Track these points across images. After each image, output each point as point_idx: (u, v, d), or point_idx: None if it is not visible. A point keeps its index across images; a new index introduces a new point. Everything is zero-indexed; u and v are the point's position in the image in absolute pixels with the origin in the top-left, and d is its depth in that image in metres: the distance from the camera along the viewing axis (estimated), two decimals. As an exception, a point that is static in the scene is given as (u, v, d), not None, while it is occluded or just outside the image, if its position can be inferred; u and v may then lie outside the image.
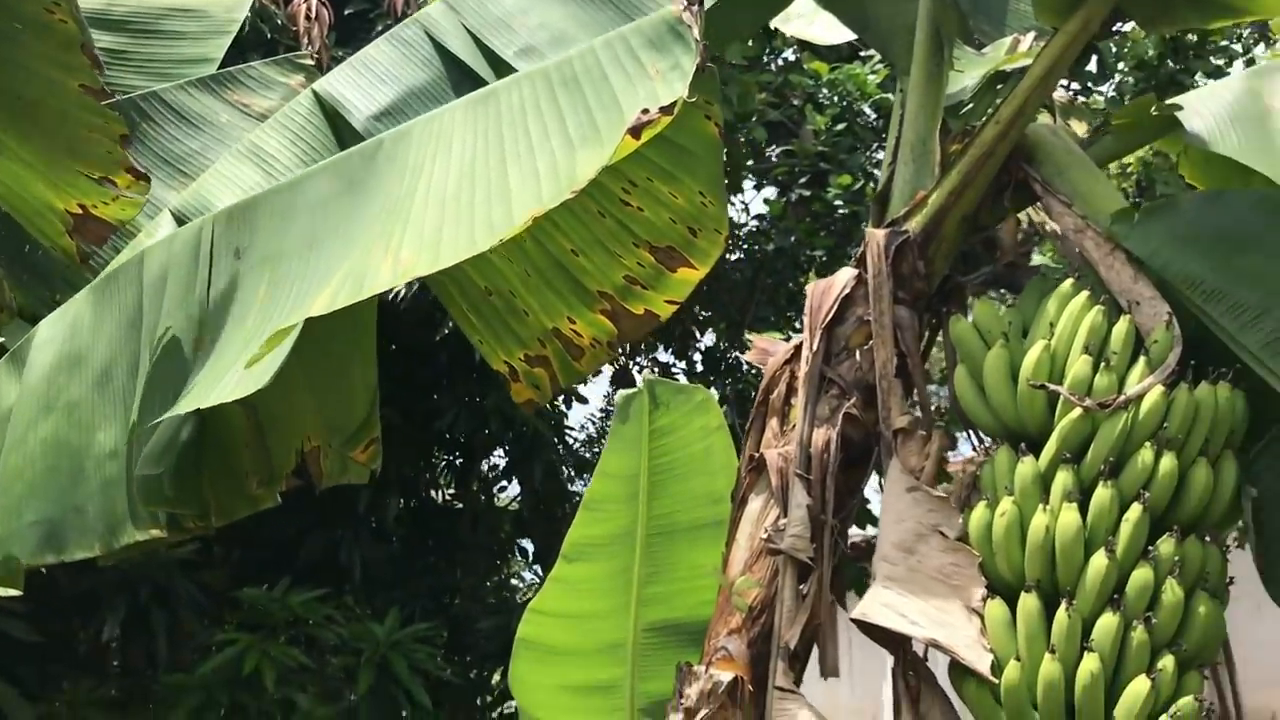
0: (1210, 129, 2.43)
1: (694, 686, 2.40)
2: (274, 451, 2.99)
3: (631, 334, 3.06)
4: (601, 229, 2.86)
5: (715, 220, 2.89)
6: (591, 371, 3.13)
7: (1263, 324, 2.15)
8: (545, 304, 3.00)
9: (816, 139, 9.27)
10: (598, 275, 2.96)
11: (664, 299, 3.03)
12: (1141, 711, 1.98)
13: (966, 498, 2.35)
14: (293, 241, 2.03)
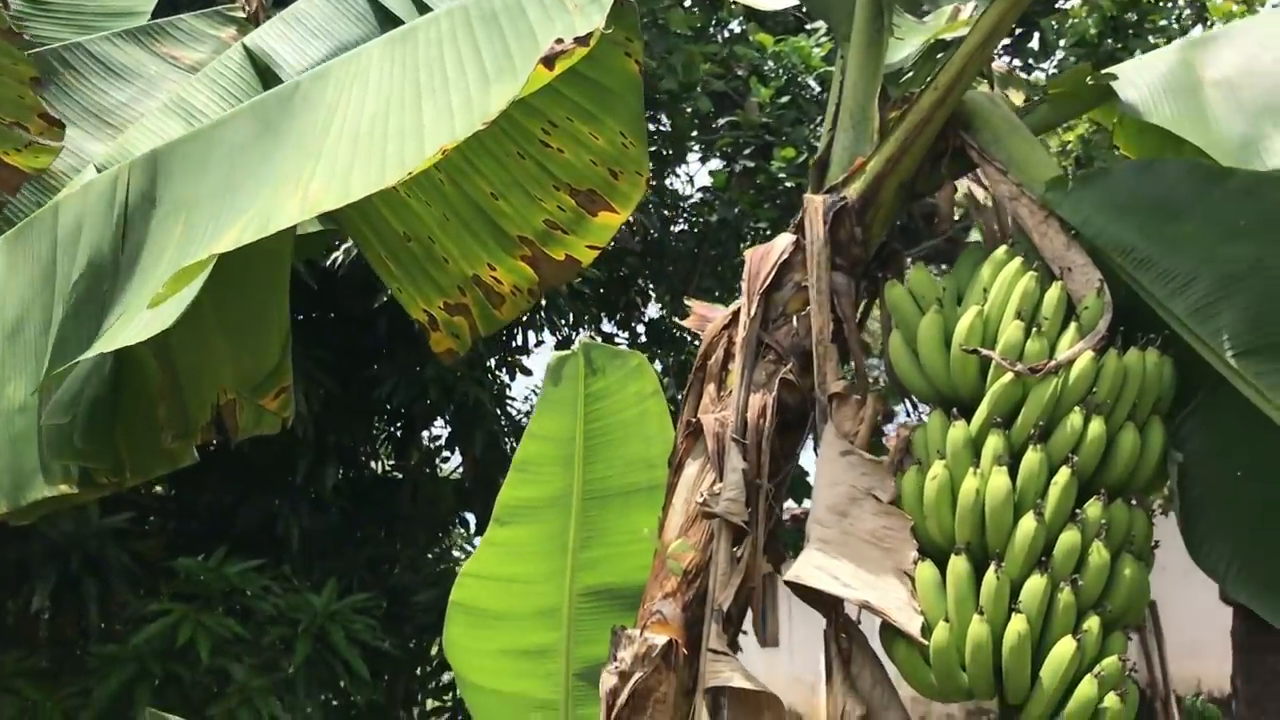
0: (1144, 99, 2.45)
1: (628, 650, 2.40)
2: (189, 403, 2.92)
3: (552, 280, 3.02)
4: (521, 171, 2.81)
5: (636, 162, 2.87)
6: (511, 320, 3.08)
7: (1190, 291, 2.18)
8: (465, 250, 2.95)
9: (761, 111, 9.28)
10: (518, 219, 2.92)
11: (585, 244, 2.99)
12: (1067, 671, 2.01)
13: (900, 462, 2.36)
14: (208, 187, 1.98)
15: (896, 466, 2.36)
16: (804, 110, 9.09)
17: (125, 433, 2.89)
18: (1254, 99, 2.33)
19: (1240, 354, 2.11)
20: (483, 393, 6.76)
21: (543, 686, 3.02)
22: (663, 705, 2.36)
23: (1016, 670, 2.03)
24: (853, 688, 2.21)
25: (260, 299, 2.92)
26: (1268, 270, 2.11)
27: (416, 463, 8.08)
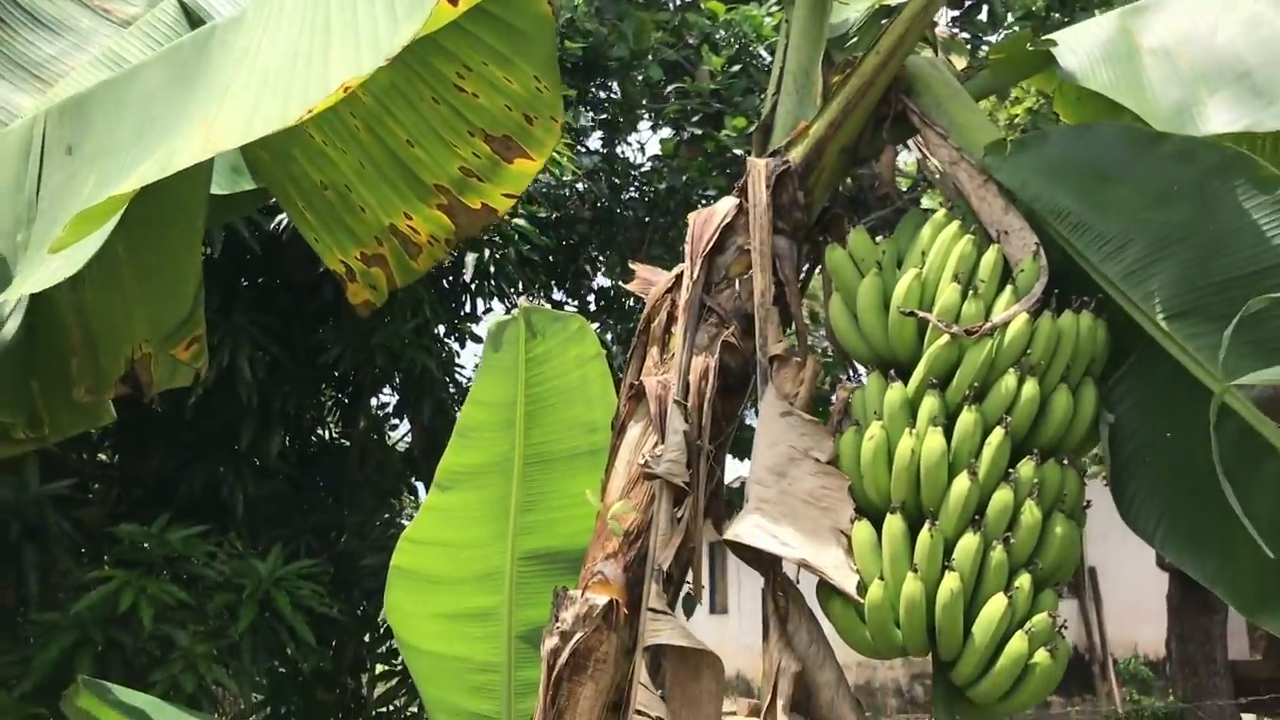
0: (1082, 65, 2.47)
1: (569, 610, 2.41)
2: (102, 357, 2.87)
3: (469, 229, 3.00)
4: (436, 117, 2.78)
5: (550, 106, 2.85)
6: (427, 270, 3.06)
7: (1124, 255, 2.21)
8: (381, 199, 2.92)
9: (712, 80, 9.26)
10: (433, 167, 2.89)
11: (501, 192, 2.97)
12: (998, 628, 2.05)
13: (839, 423, 2.39)
14: (124, 134, 1.94)
15: (836, 427, 2.38)
16: (755, 79, 9.08)
17: (42, 387, 2.84)
18: (1189, 66, 2.36)
19: (1170, 317, 2.15)
20: (430, 360, 6.70)
21: (485, 649, 3.03)
22: (604, 665, 2.37)
23: (949, 627, 2.06)
24: (789, 645, 2.23)
25: (174, 249, 2.86)
26: (1197, 234, 2.15)
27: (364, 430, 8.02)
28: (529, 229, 7.03)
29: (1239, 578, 2.13)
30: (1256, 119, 2.28)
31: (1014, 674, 2.05)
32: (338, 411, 8.15)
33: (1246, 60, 2.32)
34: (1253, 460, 2.08)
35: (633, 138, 10.18)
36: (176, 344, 2.92)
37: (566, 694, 2.35)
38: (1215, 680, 10.25)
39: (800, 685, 2.22)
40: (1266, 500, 2.07)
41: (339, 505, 7.40)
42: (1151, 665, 12.73)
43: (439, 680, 3.07)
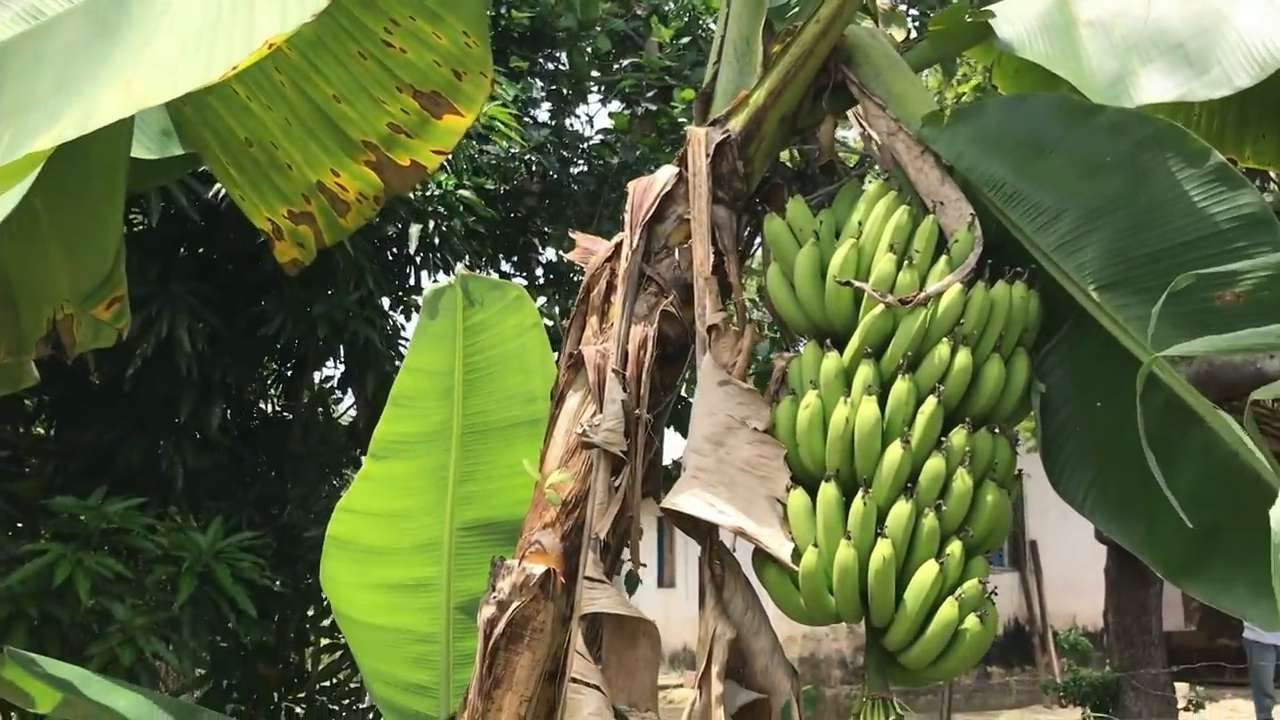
0: (1019, 36, 2.48)
1: (506, 580, 2.40)
2: (23, 316, 2.79)
3: (398, 187, 2.95)
4: (364, 72, 2.73)
5: (480, 62, 2.81)
6: (356, 228, 3.00)
7: (1057, 226, 2.23)
8: (308, 155, 2.86)
9: (662, 52, 9.22)
10: (361, 123, 2.84)
11: (430, 149, 2.92)
12: (929, 594, 2.07)
13: (776, 392, 2.40)
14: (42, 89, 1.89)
15: (773, 396, 2.39)
16: (704, 52, 9.04)
17: (-39, 350, 2.77)
18: (1124, 38, 2.38)
19: (1101, 287, 2.17)
20: (374, 332, 6.62)
21: (422, 619, 3.01)
22: (540, 634, 2.36)
23: (881, 593, 2.08)
24: (724, 612, 2.24)
25: (94, 207, 2.78)
26: (1129, 206, 2.17)
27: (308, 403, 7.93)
28: (475, 200, 6.96)
29: (1164, 545, 2.17)
30: (1189, 88, 2.30)
31: (945, 639, 2.07)
32: (280, 384, 8.04)
33: (1179, 32, 2.34)
34: (1180, 430, 2.12)
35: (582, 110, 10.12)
36: (97, 304, 2.84)
37: (503, 663, 2.35)
38: (1150, 650, 10.47)
39: (735, 652, 2.23)
40: (1192, 470, 2.10)
41: (282, 478, 7.31)
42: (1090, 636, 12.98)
43: (377, 651, 3.05)
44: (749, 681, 2.25)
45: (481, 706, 2.35)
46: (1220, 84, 2.27)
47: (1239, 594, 2.09)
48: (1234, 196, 2.10)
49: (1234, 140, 2.94)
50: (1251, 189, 2.11)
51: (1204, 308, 2.08)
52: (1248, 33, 2.25)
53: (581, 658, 2.26)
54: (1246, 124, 2.93)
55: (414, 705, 3.01)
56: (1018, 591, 15.65)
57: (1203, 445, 2.10)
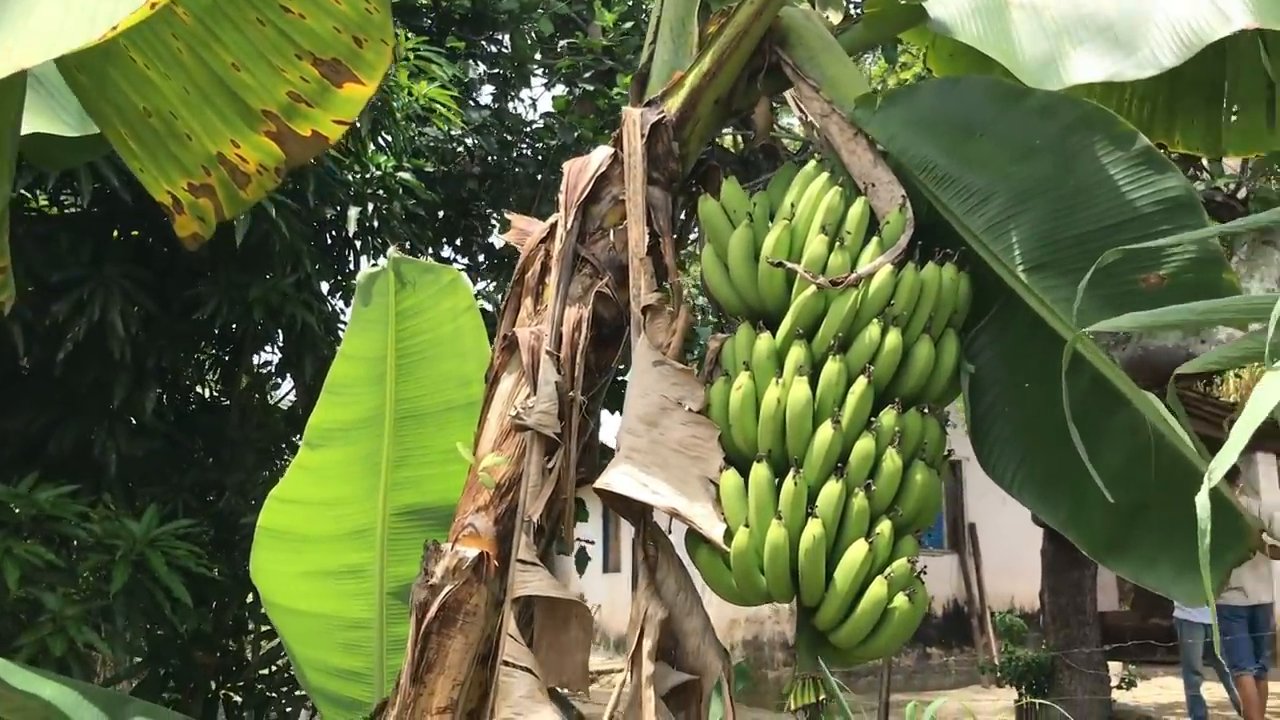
0: (953, 18, 2.50)
1: (439, 564, 2.38)
2: None
3: (299, 158, 2.88)
4: (262, 39, 2.67)
5: (381, 29, 2.76)
6: (256, 201, 2.94)
7: (987, 208, 2.25)
8: (208, 126, 2.79)
9: (604, 36, 9.18)
10: (261, 92, 2.78)
11: (331, 119, 2.86)
12: (859, 573, 2.08)
13: (710, 372, 2.39)
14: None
15: (707, 377, 2.39)
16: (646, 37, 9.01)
17: None
18: (1054, 20, 2.40)
19: (1030, 269, 2.20)
20: (312, 317, 6.53)
21: (355, 606, 2.97)
22: (473, 617, 2.35)
23: (811, 573, 2.09)
24: (657, 593, 2.24)
25: None
26: (1057, 189, 2.19)
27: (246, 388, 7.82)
28: (414, 183, 6.88)
29: (1090, 524, 2.20)
30: (1118, 69, 2.33)
31: (874, 618, 2.09)
32: (218, 369, 7.91)
33: (1108, 13, 2.36)
34: (1105, 411, 2.15)
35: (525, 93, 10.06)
36: (-20, 275, 2.75)
37: (435, 647, 2.33)
38: (1085, 630, 10.65)
39: (667, 632, 2.23)
40: (1117, 449, 2.14)
41: (219, 464, 7.19)
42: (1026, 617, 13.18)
43: (308, 639, 3.01)
44: (681, 662, 2.25)
45: (414, 691, 2.33)
46: (1148, 64, 2.30)
47: (1162, 571, 2.13)
48: (1160, 180, 2.14)
49: (1163, 125, 2.99)
50: (1177, 173, 2.14)
51: (1128, 290, 2.11)
52: (1174, 14, 2.28)
53: (513, 640, 2.25)
54: (1175, 109, 2.97)
55: (347, 691, 2.98)
56: (956, 573, 15.84)
57: (1128, 425, 2.13)
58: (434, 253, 8.76)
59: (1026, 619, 12.78)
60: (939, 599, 15.65)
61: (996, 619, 12.74)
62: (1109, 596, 15.86)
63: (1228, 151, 2.93)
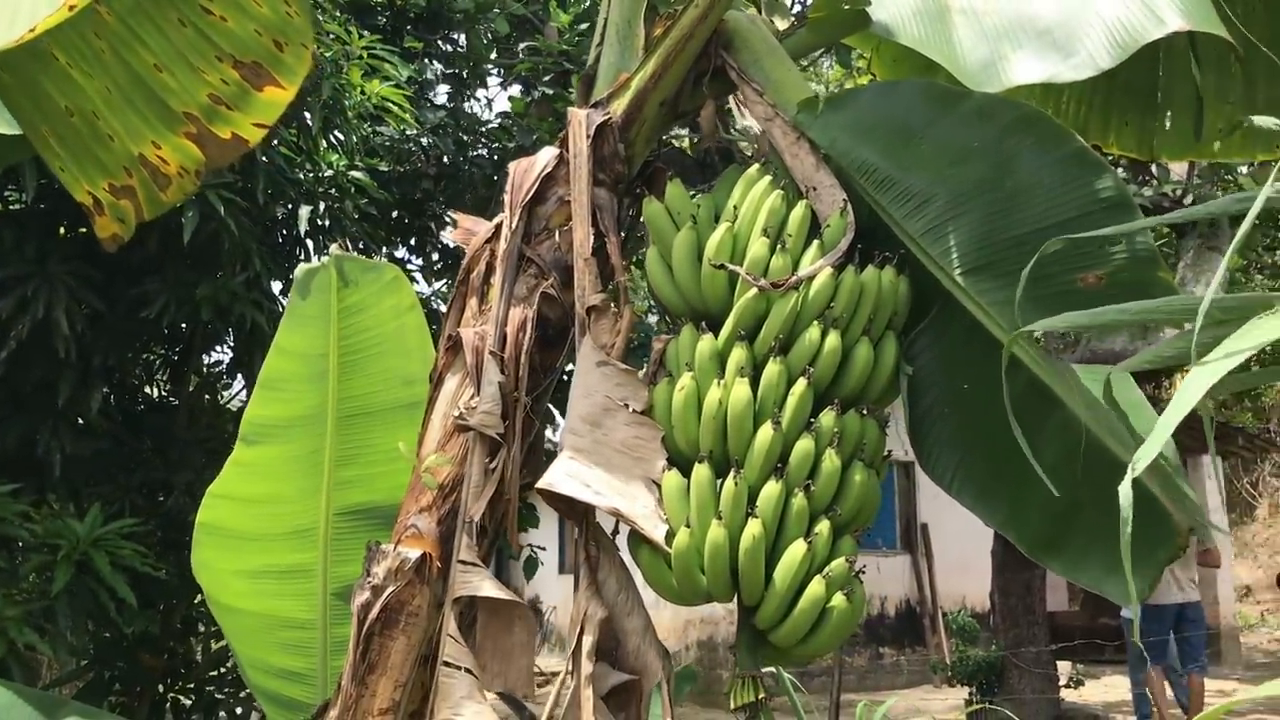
0: (894, 21, 2.52)
1: (381, 565, 2.37)
2: None
3: (219, 160, 2.88)
4: (184, 40, 2.66)
5: (301, 33, 2.77)
6: (176, 203, 2.93)
7: (925, 211, 2.28)
8: (130, 127, 2.77)
9: (561, 38, 9.17)
10: (182, 94, 2.77)
11: (251, 122, 2.86)
12: (798, 572, 2.10)
13: (654, 373, 2.40)
14: None
15: (651, 378, 2.40)
16: (603, 38, 9.01)
17: None
18: (994, 23, 2.43)
19: (967, 272, 2.22)
20: (262, 316, 6.47)
21: (298, 606, 2.95)
22: (416, 618, 2.34)
23: (751, 572, 2.10)
24: (598, 593, 2.25)
25: None
26: (994, 191, 2.22)
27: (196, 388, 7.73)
28: (367, 182, 6.84)
29: (1026, 523, 2.23)
30: (1056, 70, 2.36)
31: (813, 617, 2.10)
32: (166, 369, 7.83)
33: (1046, 17, 2.40)
34: (1041, 412, 2.18)
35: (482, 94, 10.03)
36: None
37: (378, 648, 2.32)
38: (1034, 630, 10.79)
39: (607, 632, 2.24)
40: (1052, 448, 2.17)
41: (167, 465, 7.11)
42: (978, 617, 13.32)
43: (250, 638, 2.98)
44: (621, 663, 2.25)
45: (355, 692, 2.32)
46: (1085, 66, 2.33)
47: (1094, 569, 2.16)
48: (1095, 181, 2.17)
49: (1099, 127, 3.04)
50: (1112, 173, 2.18)
51: (1066, 290, 2.14)
52: (1109, 17, 2.32)
53: (454, 641, 2.24)
54: (1111, 111, 3.02)
55: (289, 692, 2.96)
56: (909, 574, 15.96)
57: (1062, 426, 2.17)
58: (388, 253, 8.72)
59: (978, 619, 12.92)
60: (891, 599, 15.77)
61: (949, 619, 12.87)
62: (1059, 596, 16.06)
63: (1160, 156, 2.98)
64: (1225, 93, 2.92)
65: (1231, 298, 1.63)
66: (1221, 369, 1.32)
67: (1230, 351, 1.33)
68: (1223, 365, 1.32)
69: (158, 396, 7.88)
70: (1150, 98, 2.95)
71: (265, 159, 6.18)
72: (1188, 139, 2.91)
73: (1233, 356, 1.33)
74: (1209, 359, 1.32)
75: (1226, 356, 1.33)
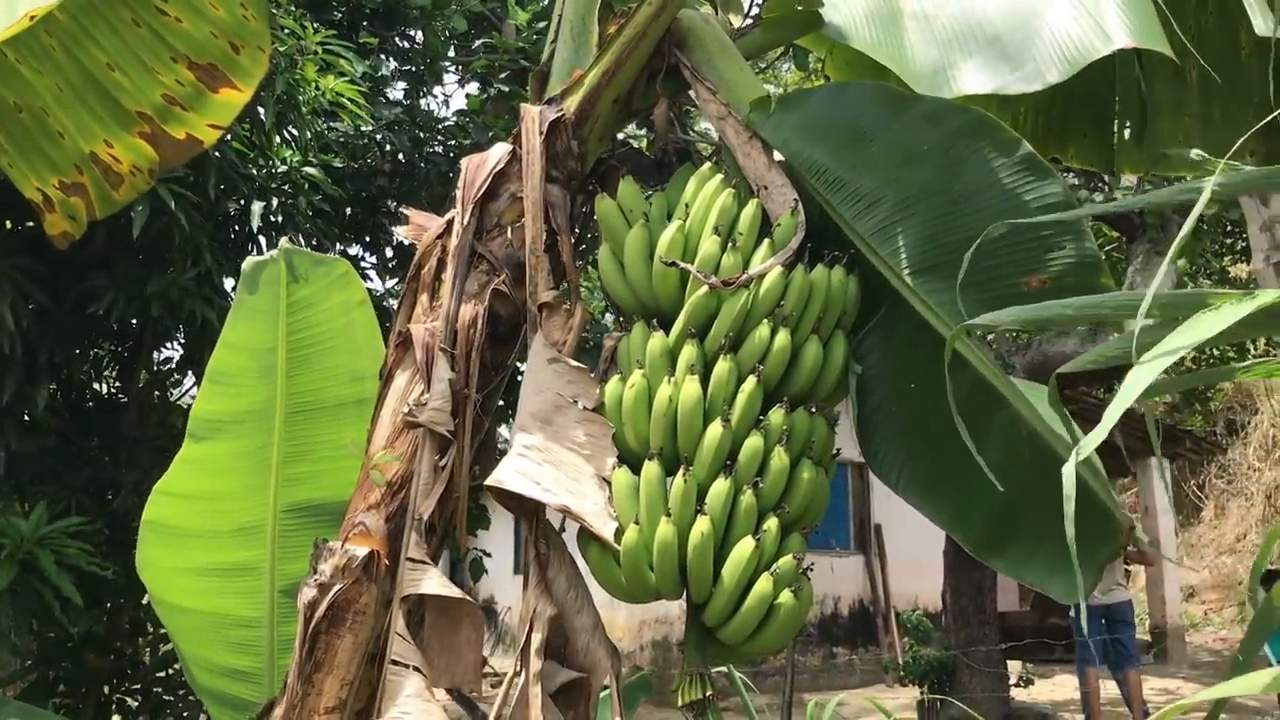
0: (847, 24, 2.54)
1: (328, 562, 2.35)
2: None
3: (173, 160, 2.87)
4: (138, 40, 2.65)
5: (258, 36, 2.77)
6: (128, 201, 2.92)
7: (875, 212, 2.29)
8: (81, 125, 2.75)
9: (518, 35, 9.15)
10: (135, 93, 2.76)
11: (206, 123, 2.86)
12: (746, 569, 2.10)
13: (605, 371, 2.40)
14: None
15: (602, 375, 2.40)
16: (561, 36, 8.98)
17: None
18: (945, 29, 2.45)
19: (915, 272, 2.24)
20: (213, 313, 6.39)
21: (244, 604, 2.91)
22: (363, 616, 2.33)
23: (699, 569, 2.10)
24: (547, 590, 2.24)
25: None
26: (943, 194, 2.24)
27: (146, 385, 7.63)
28: (321, 178, 6.77)
29: (972, 522, 2.25)
30: (1004, 82, 2.38)
31: (760, 613, 2.11)
32: (115, 365, 7.71)
33: (997, 26, 2.41)
34: (986, 411, 2.20)
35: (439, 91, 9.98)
36: None
37: (324, 646, 2.30)
38: (985, 629, 10.90)
39: (556, 630, 2.23)
40: (998, 448, 2.18)
41: (115, 463, 7.01)
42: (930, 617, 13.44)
43: (196, 637, 2.94)
44: (570, 660, 2.25)
45: (301, 690, 2.30)
46: (1033, 79, 2.35)
47: (1038, 568, 2.18)
48: (1042, 186, 2.19)
49: (1058, 138, 3.07)
50: (1058, 179, 2.20)
51: (1010, 293, 2.16)
52: (1058, 30, 2.34)
53: (401, 639, 2.23)
54: (1070, 123, 3.05)
55: (236, 691, 2.92)
56: (862, 574, 16.07)
57: (1008, 426, 2.19)
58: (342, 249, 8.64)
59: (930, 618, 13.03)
60: (845, 599, 15.87)
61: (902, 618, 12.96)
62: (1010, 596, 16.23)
63: (1120, 169, 3.01)
64: (1182, 104, 2.96)
65: (1171, 294, 1.65)
66: (1160, 365, 1.33)
67: (1169, 349, 1.34)
68: (1162, 361, 1.34)
69: (106, 393, 7.76)
70: (1108, 109, 2.98)
71: (218, 154, 6.11)
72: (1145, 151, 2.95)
73: (1172, 353, 1.34)
74: (1148, 356, 1.34)
75: (1166, 354, 1.35)
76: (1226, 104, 2.88)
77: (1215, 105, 2.92)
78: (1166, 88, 2.90)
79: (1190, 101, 2.96)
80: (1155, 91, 2.89)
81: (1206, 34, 2.82)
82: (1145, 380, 1.33)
